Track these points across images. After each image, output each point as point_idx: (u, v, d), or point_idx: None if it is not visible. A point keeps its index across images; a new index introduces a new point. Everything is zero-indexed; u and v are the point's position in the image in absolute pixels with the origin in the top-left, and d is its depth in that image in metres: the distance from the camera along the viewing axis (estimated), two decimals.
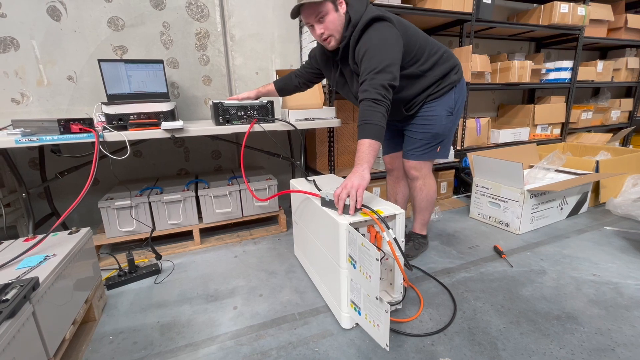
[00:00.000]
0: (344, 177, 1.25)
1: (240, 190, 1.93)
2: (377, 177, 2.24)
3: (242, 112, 1.70)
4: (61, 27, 1.84)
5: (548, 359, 1.01)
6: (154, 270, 1.59)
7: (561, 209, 2.05)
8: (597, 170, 2.20)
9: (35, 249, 1.09)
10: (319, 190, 1.34)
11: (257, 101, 1.73)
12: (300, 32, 2.35)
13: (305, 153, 1.89)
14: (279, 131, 1.84)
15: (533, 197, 1.87)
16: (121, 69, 1.78)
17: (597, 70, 3.18)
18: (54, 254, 1.05)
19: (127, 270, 1.55)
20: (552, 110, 3.06)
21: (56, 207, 1.91)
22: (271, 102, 1.74)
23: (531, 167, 2.49)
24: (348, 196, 1.08)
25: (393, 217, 1.14)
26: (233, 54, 2.23)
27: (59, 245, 1.13)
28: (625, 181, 2.34)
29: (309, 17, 1.22)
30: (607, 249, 1.70)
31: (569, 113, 3.13)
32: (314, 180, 1.47)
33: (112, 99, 1.77)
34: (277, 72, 2.05)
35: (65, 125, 1.39)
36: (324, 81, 2.09)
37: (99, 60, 1.73)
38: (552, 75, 3.04)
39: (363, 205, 1.11)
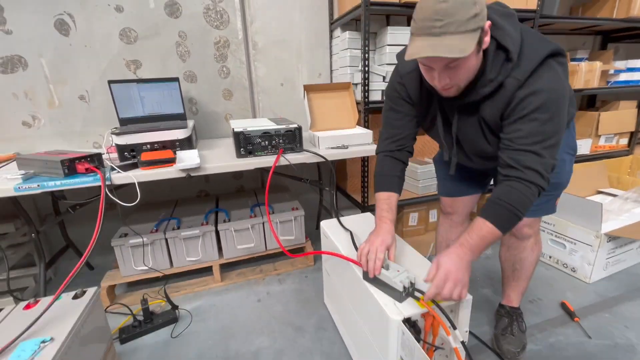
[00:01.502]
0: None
1: (263, 223, 1.74)
2: (414, 202, 1.98)
3: (267, 142, 1.48)
4: (70, 42, 1.67)
5: None
6: (171, 319, 1.44)
7: (639, 249, 1.72)
8: None
9: (35, 326, 0.94)
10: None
11: (283, 126, 1.50)
12: (331, 37, 2.07)
13: (335, 181, 1.67)
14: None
15: (610, 241, 1.55)
16: (133, 90, 1.61)
17: None
18: (52, 339, 0.90)
19: (142, 320, 1.41)
20: (620, 117, 2.62)
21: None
22: (299, 128, 1.51)
23: (599, 192, 2.14)
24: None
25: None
26: (256, 64, 2.00)
27: (61, 319, 0.98)
28: None
29: (435, 63, 0.79)
30: None
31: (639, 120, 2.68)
32: (350, 233, 1.24)
33: (125, 123, 1.61)
34: (305, 87, 1.80)
35: (70, 166, 1.23)
36: (358, 96, 1.82)
37: (109, 82, 1.56)
38: (623, 77, 2.58)
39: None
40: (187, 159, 1.37)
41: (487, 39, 0.77)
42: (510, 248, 1.25)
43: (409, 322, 0.85)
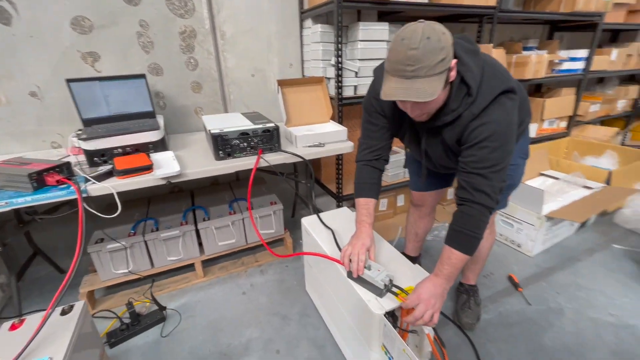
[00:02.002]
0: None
1: (243, 219, 1.78)
2: (384, 190, 2.12)
3: (245, 143, 1.49)
4: (13, 32, 1.50)
5: None
6: (159, 319, 1.48)
7: (572, 224, 2.03)
8: (608, 182, 2.15)
9: (28, 348, 0.95)
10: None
11: (260, 126, 1.52)
12: (301, 27, 2.04)
13: (313, 179, 1.72)
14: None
15: (549, 221, 1.82)
16: (96, 89, 1.51)
17: (611, 59, 3.01)
18: (50, 359, 0.92)
19: (129, 322, 1.43)
20: (562, 103, 2.92)
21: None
22: (276, 128, 1.53)
23: (541, 174, 2.42)
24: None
25: None
26: (225, 55, 1.93)
27: (54, 337, 0.99)
28: (632, 187, 2.31)
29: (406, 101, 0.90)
30: (619, 276, 1.71)
31: (577, 105, 3.01)
32: (332, 231, 1.33)
33: (89, 124, 1.52)
34: (279, 82, 1.80)
35: (38, 179, 1.17)
36: (332, 90, 1.85)
37: (68, 81, 1.45)
38: (566, 66, 2.85)
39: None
40: (165, 164, 1.35)
41: (453, 73, 0.86)
42: (431, 223, 1.53)
43: (388, 314, 0.98)
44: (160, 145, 1.50)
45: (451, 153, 1.06)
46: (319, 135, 1.65)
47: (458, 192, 0.99)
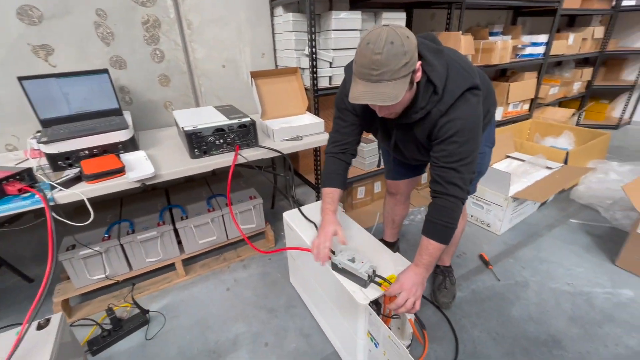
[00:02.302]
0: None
1: (223, 215, 1.76)
2: (362, 178, 2.16)
3: (221, 140, 1.46)
4: None
5: None
6: (142, 322, 1.46)
7: (535, 203, 2.18)
8: (566, 161, 2.32)
9: None
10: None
11: (236, 121, 1.48)
12: (272, 14, 1.98)
13: (293, 173, 1.72)
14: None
15: (515, 201, 1.95)
16: (53, 87, 1.40)
17: (568, 44, 3.18)
18: None
19: (110, 329, 1.40)
20: (525, 87, 3.07)
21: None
22: (253, 123, 1.50)
23: (507, 156, 2.56)
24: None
25: None
26: (193, 46, 1.84)
27: (33, 354, 0.95)
28: (586, 166, 2.51)
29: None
30: (575, 248, 1.88)
31: (538, 88, 3.17)
32: (315, 225, 1.35)
33: (48, 125, 1.42)
34: (252, 74, 1.75)
35: None
36: (307, 81, 1.83)
37: (20, 79, 1.33)
38: (528, 51, 2.98)
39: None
40: (138, 165, 1.30)
41: (418, 74, 0.90)
42: (407, 210, 1.62)
43: (372, 302, 1.03)
44: (131, 145, 1.43)
45: (422, 147, 1.11)
46: (296, 128, 1.64)
47: (432, 186, 1.04)
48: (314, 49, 1.66)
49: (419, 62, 0.88)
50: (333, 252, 1.15)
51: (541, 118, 3.26)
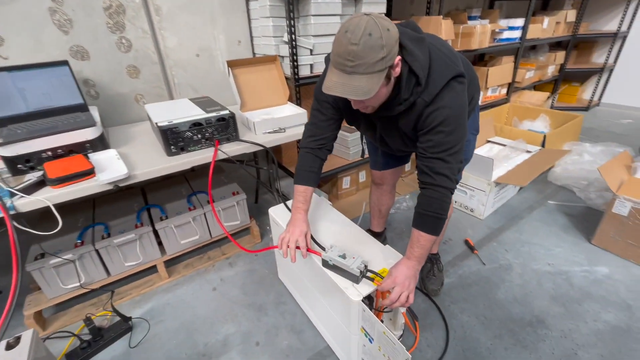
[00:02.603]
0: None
1: (205, 214, 1.68)
2: (346, 168, 2.13)
3: (199, 135, 1.38)
4: None
5: None
6: (125, 330, 1.39)
7: (515, 186, 2.23)
8: (543, 144, 2.38)
9: None
10: (318, 244, 1.18)
11: (214, 114, 1.40)
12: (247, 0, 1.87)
13: (277, 167, 1.65)
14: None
15: (497, 186, 1.98)
16: (6, 82, 1.27)
17: (543, 27, 3.23)
18: None
19: (90, 339, 1.33)
20: (503, 71, 3.11)
21: None
22: (232, 116, 1.42)
23: (488, 141, 2.60)
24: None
25: None
26: (163, 33, 1.72)
27: None
28: (562, 147, 2.60)
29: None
30: (554, 228, 1.94)
31: (515, 73, 3.22)
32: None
33: (4, 124, 1.28)
34: (229, 63, 1.65)
35: None
36: (287, 70, 1.76)
37: None
38: (505, 35, 3.01)
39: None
40: (109, 166, 1.21)
41: (397, 69, 0.86)
42: (393, 200, 1.59)
43: (365, 297, 1.01)
44: (100, 144, 1.33)
45: (408, 139, 1.08)
46: (278, 120, 1.58)
47: (420, 177, 1.02)
48: (293, 36, 1.58)
49: (398, 57, 0.84)
50: (323, 248, 1.12)
51: (518, 102, 3.32)
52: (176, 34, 1.75)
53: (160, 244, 1.63)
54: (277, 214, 1.41)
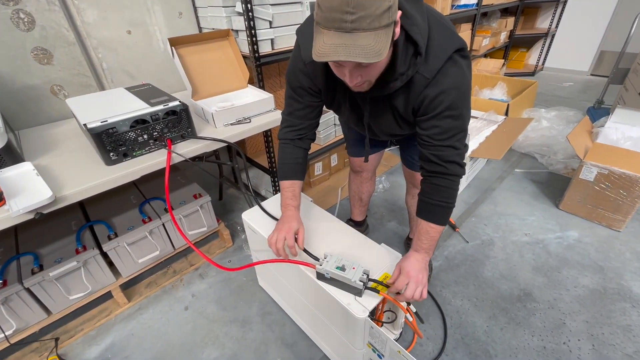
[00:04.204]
0: None
1: (164, 224, 1.44)
2: (318, 154, 1.97)
3: (145, 135, 1.11)
4: None
5: (528, 352, 1.18)
6: None
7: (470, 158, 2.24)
8: (507, 113, 2.41)
9: None
10: (310, 254, 1.02)
11: (161, 107, 1.14)
12: None
13: (244, 161, 1.42)
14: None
15: (471, 160, 1.96)
16: None
17: None
18: None
19: None
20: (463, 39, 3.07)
21: None
22: (185, 109, 1.17)
23: None
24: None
25: None
26: (77, 4, 1.34)
27: None
28: (521, 115, 2.67)
29: (346, 62, 0.69)
30: (524, 197, 1.99)
31: (473, 40, 3.21)
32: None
33: None
34: (171, 41, 1.35)
35: None
36: (246, 49, 1.49)
37: None
38: (463, 1, 2.94)
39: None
40: (24, 187, 0.92)
41: (397, 29, 0.69)
42: (414, 196, 1.41)
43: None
44: (7, 156, 1.01)
45: (403, 122, 0.94)
46: (241, 109, 1.35)
47: (426, 166, 0.91)
48: (248, 5, 1.32)
49: (400, 12, 0.67)
50: (317, 259, 0.98)
51: (476, 70, 3.34)
52: (96, 5, 1.38)
53: (112, 264, 1.37)
54: (252, 218, 1.23)
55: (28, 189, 0.91)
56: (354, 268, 0.91)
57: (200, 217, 1.55)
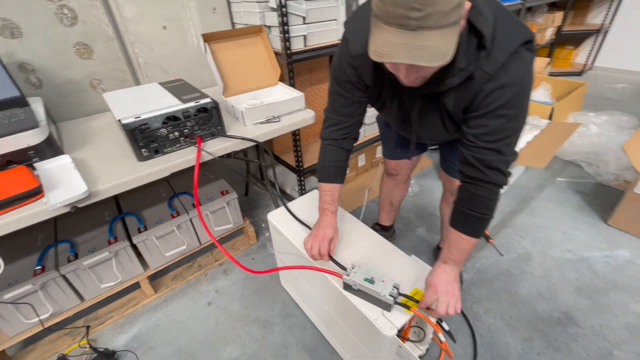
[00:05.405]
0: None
1: (191, 219, 1.45)
2: (358, 148, 1.93)
3: (176, 132, 1.11)
4: None
5: None
6: None
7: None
8: (551, 117, 2.24)
9: None
10: (337, 264, 0.98)
11: (192, 104, 1.13)
12: None
13: (272, 161, 1.40)
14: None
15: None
16: None
17: None
18: None
19: None
20: None
21: None
22: (216, 106, 1.16)
23: None
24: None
25: None
26: (117, 0, 1.37)
27: None
28: (566, 119, 2.47)
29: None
30: (567, 209, 1.84)
31: None
32: (310, 229, 1.11)
33: None
34: (205, 37, 1.34)
35: None
36: (278, 45, 1.46)
37: None
38: None
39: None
40: (62, 180, 0.94)
41: (463, 22, 0.61)
42: (450, 204, 1.32)
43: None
44: (48, 149, 1.04)
45: (450, 123, 0.85)
46: (270, 107, 1.32)
47: (464, 170, 0.83)
48: (282, 0, 1.29)
49: (468, 4, 0.60)
50: (344, 268, 0.94)
51: None
52: (134, 1, 1.40)
53: (140, 255, 1.40)
54: (278, 219, 1.20)
55: (65, 182, 0.94)
56: (383, 281, 0.86)
57: (226, 213, 1.55)
